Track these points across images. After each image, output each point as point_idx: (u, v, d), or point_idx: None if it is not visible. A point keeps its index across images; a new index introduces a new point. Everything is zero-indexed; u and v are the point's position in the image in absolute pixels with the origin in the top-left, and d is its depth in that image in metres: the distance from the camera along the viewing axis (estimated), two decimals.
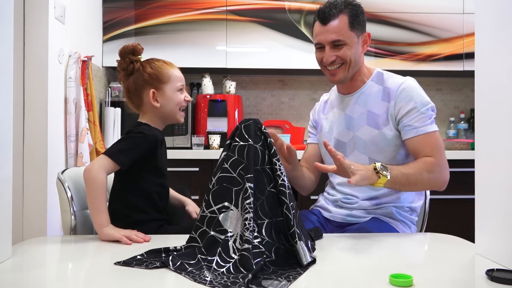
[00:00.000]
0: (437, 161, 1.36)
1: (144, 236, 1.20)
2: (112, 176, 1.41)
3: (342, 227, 1.46)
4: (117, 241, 1.17)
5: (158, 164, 1.40)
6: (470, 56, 3.04)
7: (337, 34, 1.41)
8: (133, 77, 1.42)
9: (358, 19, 1.44)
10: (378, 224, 1.41)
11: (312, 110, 1.74)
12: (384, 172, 1.24)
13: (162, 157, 1.43)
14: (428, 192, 1.61)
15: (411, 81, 1.45)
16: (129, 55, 1.41)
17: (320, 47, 1.47)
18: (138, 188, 1.37)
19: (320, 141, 1.61)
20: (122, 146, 1.33)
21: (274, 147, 1.02)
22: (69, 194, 1.40)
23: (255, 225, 0.94)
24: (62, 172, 1.45)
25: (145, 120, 1.43)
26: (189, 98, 1.46)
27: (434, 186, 1.39)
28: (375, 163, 1.26)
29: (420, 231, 1.59)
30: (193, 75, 3.31)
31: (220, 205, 0.98)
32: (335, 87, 1.63)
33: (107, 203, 1.30)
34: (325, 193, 1.61)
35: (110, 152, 1.30)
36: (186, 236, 1.02)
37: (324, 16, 1.42)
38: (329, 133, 1.56)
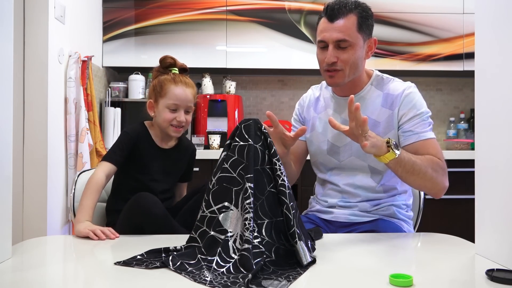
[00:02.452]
0: (442, 163, 1.34)
1: (110, 233, 1.21)
2: None
3: (346, 226, 1.44)
4: (116, 241, 1.18)
5: (144, 160, 1.49)
6: (470, 56, 3.04)
7: (343, 34, 1.34)
8: (150, 85, 1.58)
9: (366, 22, 1.38)
10: (386, 224, 1.40)
11: (299, 102, 1.65)
12: (395, 150, 1.21)
13: (151, 156, 1.51)
14: (422, 192, 1.61)
15: (413, 87, 1.43)
16: (159, 64, 1.58)
17: (323, 46, 1.40)
18: (120, 183, 1.51)
19: (311, 141, 1.55)
20: (112, 148, 1.48)
21: (274, 147, 1.02)
22: (72, 193, 1.52)
23: (255, 225, 0.94)
24: (80, 173, 1.60)
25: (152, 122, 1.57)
26: (181, 119, 1.49)
27: (433, 188, 1.33)
28: (389, 138, 1.23)
29: (414, 227, 1.59)
30: (193, 75, 3.30)
31: (220, 205, 0.98)
32: (329, 91, 1.56)
33: (95, 203, 1.37)
34: (317, 198, 1.56)
35: (105, 157, 1.46)
36: (186, 236, 1.02)
37: (332, 12, 1.36)
38: (322, 135, 1.51)
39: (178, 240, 1.14)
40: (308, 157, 1.62)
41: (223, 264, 0.90)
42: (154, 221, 1.29)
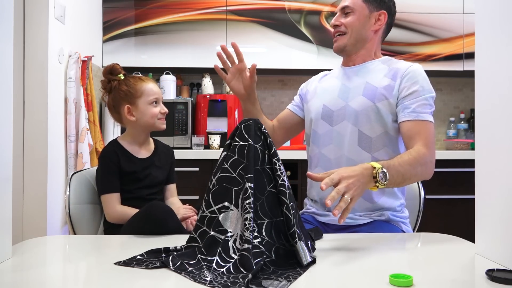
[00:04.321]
0: (429, 154, 1.32)
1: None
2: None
3: (342, 229, 1.43)
4: (116, 241, 1.18)
5: (128, 174, 1.50)
6: (470, 56, 3.04)
7: (348, 1, 1.48)
8: (112, 95, 1.56)
9: None
10: (383, 226, 1.40)
11: (307, 81, 1.72)
12: (383, 181, 1.15)
13: (132, 169, 1.51)
14: (422, 192, 1.61)
15: (419, 66, 1.46)
16: (108, 75, 1.56)
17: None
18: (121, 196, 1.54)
19: (308, 109, 1.58)
20: (101, 178, 1.49)
21: (274, 147, 1.02)
22: (66, 194, 1.50)
23: (255, 225, 0.94)
24: (72, 175, 1.57)
25: (128, 131, 1.57)
26: (164, 110, 1.56)
27: (424, 178, 1.35)
28: (375, 167, 1.15)
29: (414, 228, 1.59)
30: (193, 75, 3.32)
31: (220, 205, 0.98)
32: (338, 66, 1.63)
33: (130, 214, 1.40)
34: (311, 199, 1.56)
35: (102, 189, 1.48)
36: (186, 236, 1.02)
37: None
38: (320, 99, 1.54)
39: (178, 240, 1.14)
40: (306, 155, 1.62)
41: (223, 264, 0.90)
42: (167, 233, 1.25)
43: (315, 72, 3.05)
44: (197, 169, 2.67)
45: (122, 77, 1.56)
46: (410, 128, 1.35)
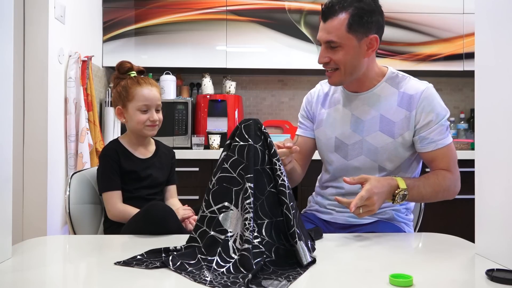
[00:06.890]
0: (454, 176, 1.36)
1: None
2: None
3: (345, 228, 1.43)
4: (116, 241, 1.18)
5: (128, 174, 1.50)
6: (470, 56, 3.04)
7: (331, 35, 1.31)
8: (113, 92, 1.57)
9: (361, 21, 1.30)
10: (386, 226, 1.39)
11: (306, 97, 1.60)
12: (399, 201, 1.26)
13: (133, 169, 1.51)
14: None
15: (431, 88, 1.39)
16: (115, 71, 1.57)
17: (321, 45, 1.38)
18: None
19: (318, 137, 1.52)
20: (102, 176, 1.49)
21: (274, 147, 1.02)
22: (67, 194, 1.50)
23: (255, 225, 0.94)
24: (72, 175, 1.56)
25: (127, 131, 1.58)
26: (154, 118, 1.51)
27: (446, 198, 1.38)
28: (399, 187, 1.25)
29: (415, 228, 1.58)
30: (193, 75, 3.32)
31: (220, 205, 0.98)
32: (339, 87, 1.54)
33: (132, 214, 1.39)
34: (317, 197, 1.56)
35: (104, 187, 1.48)
36: (186, 236, 1.02)
37: (323, 12, 1.33)
38: (330, 131, 1.47)
39: (178, 240, 1.14)
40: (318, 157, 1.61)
41: (223, 264, 0.90)
42: (168, 233, 1.24)
43: (315, 72, 3.07)
44: (197, 169, 2.67)
45: (134, 74, 1.55)
46: (433, 157, 1.37)
